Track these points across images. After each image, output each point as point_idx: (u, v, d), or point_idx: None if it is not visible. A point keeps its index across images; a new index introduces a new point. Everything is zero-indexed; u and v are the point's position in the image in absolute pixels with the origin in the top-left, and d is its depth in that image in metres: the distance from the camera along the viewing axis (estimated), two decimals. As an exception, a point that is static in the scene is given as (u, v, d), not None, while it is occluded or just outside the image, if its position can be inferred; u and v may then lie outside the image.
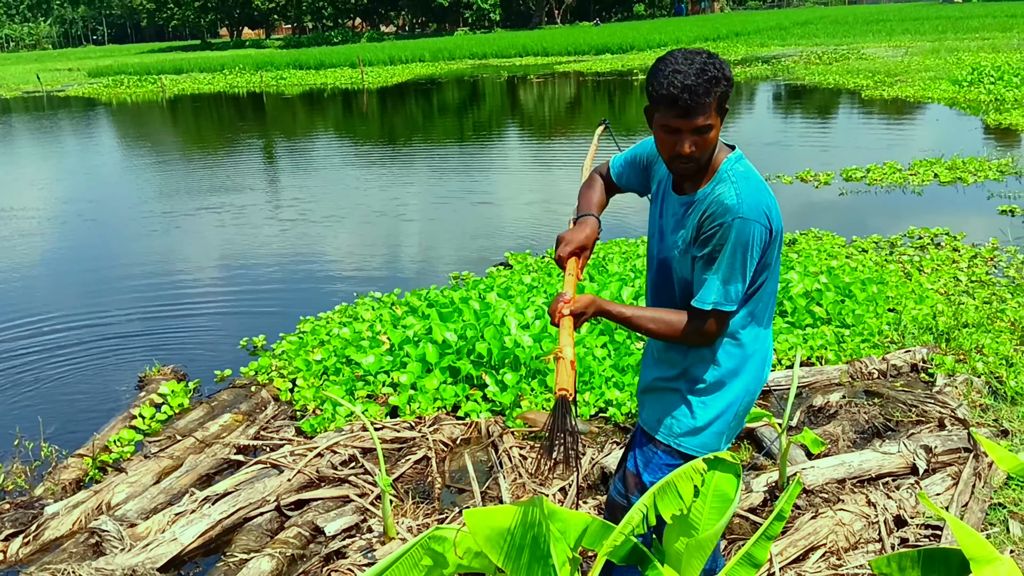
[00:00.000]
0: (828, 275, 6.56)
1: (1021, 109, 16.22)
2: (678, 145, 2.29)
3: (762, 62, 31.84)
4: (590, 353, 5.44)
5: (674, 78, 2.21)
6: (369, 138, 19.94)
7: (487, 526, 2.16)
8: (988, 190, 10.34)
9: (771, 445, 4.51)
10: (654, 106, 2.30)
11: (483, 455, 4.73)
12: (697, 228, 2.39)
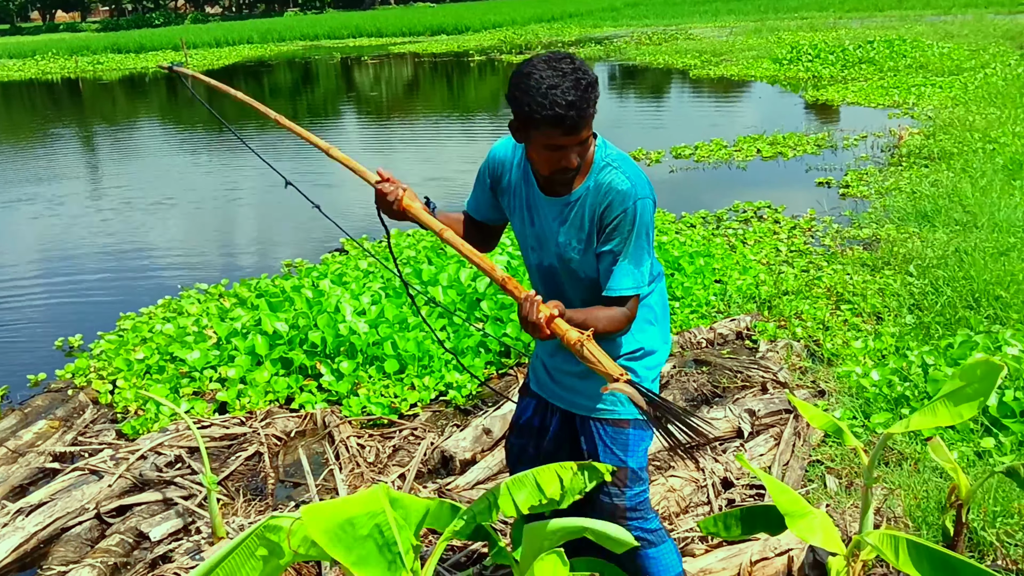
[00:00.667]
0: (657, 250, 6.73)
1: (836, 86, 17.19)
2: (564, 160, 2.23)
3: (595, 43, 32.47)
4: (429, 336, 5.37)
5: (554, 96, 2.12)
6: (197, 123, 19.10)
7: (326, 521, 2.07)
8: (806, 164, 10.89)
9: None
10: (533, 126, 2.18)
11: (319, 447, 4.59)
12: (597, 222, 2.35)
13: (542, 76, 2.14)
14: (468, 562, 3.57)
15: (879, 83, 16.85)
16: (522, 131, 2.25)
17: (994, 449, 4.01)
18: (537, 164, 2.30)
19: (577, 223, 2.38)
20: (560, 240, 2.41)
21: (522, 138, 2.27)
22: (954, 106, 13.07)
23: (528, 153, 2.31)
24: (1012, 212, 7.29)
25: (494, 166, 2.53)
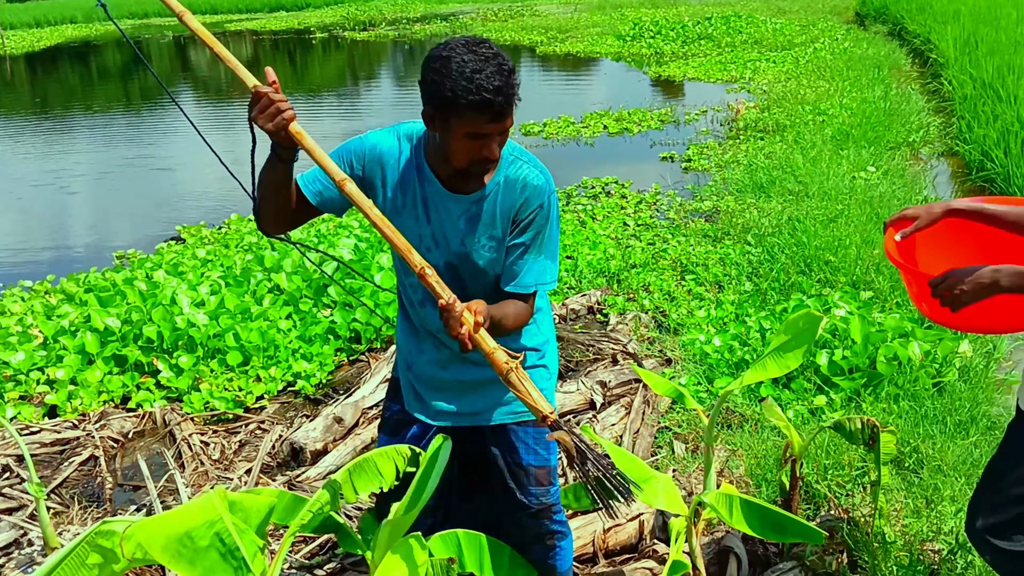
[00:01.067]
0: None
1: (678, 62, 17.69)
2: (485, 150, 2.09)
3: (441, 19, 32.27)
4: (274, 326, 5.20)
5: (480, 80, 1.99)
6: (19, 108, 17.86)
7: (163, 536, 1.95)
8: (651, 139, 11.16)
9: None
10: (456, 113, 2.03)
11: (160, 447, 4.37)
12: (511, 218, 2.25)
13: (464, 60, 2.00)
14: (322, 553, 3.48)
15: (717, 59, 17.44)
16: (439, 119, 2.07)
17: (826, 406, 4.21)
18: (454, 155, 2.12)
19: (488, 220, 2.25)
20: (468, 239, 2.27)
21: (438, 127, 2.09)
22: (787, 80, 13.67)
23: (443, 144, 2.12)
24: (839, 181, 7.68)
25: (371, 157, 2.26)
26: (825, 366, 4.45)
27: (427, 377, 2.50)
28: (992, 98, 9.60)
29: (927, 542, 3.18)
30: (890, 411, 4.11)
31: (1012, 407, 4.38)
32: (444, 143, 2.12)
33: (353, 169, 2.26)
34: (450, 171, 2.21)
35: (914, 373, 4.36)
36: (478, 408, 2.49)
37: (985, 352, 4.81)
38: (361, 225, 7.14)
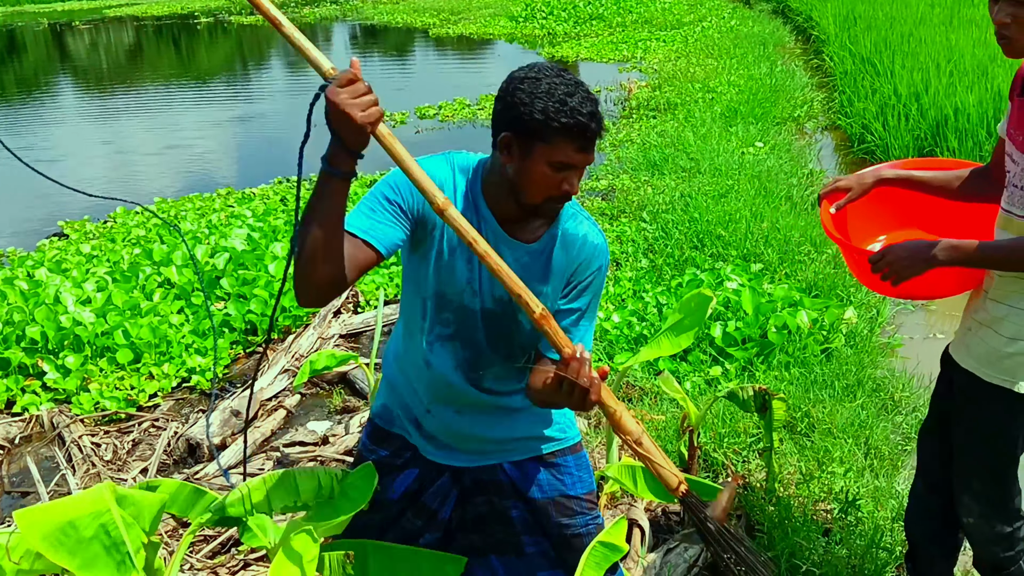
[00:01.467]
0: (405, 211, 6.66)
1: (571, 42, 17.81)
2: (566, 183, 1.91)
3: (331, 2, 31.70)
4: (165, 321, 5.04)
5: (575, 104, 1.83)
6: None
7: (46, 525, 1.86)
8: (546, 119, 11.20)
9: (363, 385, 4.53)
10: (542, 138, 1.85)
11: (49, 451, 4.20)
12: (566, 277, 2.11)
13: (555, 82, 1.85)
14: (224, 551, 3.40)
15: (609, 39, 17.62)
16: (519, 145, 1.88)
17: (721, 377, 4.33)
18: (530, 187, 1.91)
19: (540, 274, 2.08)
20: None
21: (516, 155, 1.89)
22: (676, 59, 13.92)
23: (518, 175, 1.91)
24: (729, 157, 7.88)
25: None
26: (719, 338, 4.56)
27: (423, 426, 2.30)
28: (871, 73, 9.98)
29: (819, 502, 3.30)
30: (782, 378, 4.25)
31: (896, 369, 4.59)
32: (520, 173, 1.91)
33: (406, 202, 1.97)
34: (513, 210, 2.00)
35: (803, 341, 4.52)
36: (500, 449, 2.29)
37: (870, 318, 5.02)
38: (254, 214, 6.98)
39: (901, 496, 3.34)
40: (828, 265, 5.49)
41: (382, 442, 2.36)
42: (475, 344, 2.15)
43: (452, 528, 2.38)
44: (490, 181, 2.00)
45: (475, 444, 2.29)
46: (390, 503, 2.34)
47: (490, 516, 2.35)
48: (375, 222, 1.94)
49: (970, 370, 2.35)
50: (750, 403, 3.14)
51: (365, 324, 5.18)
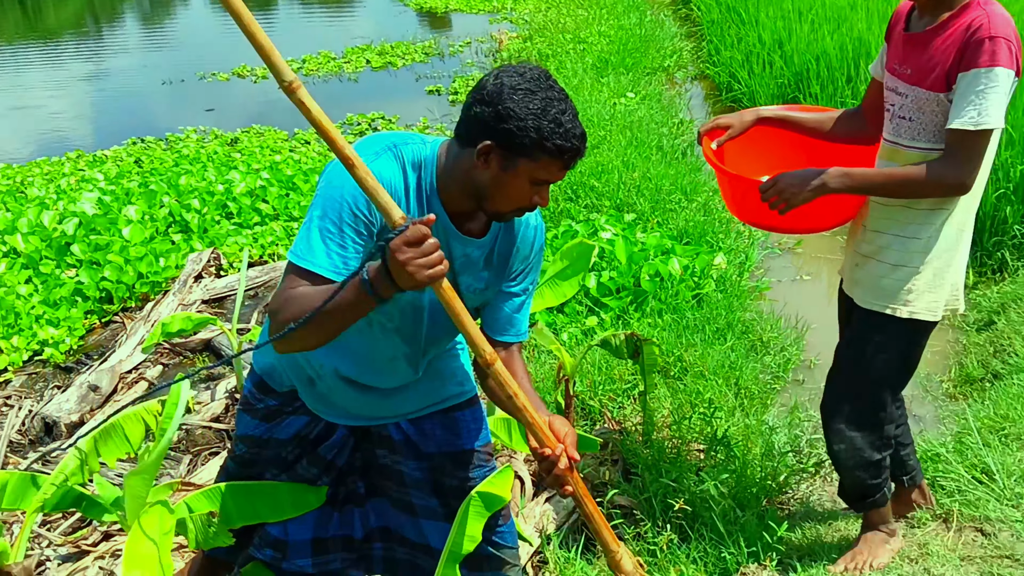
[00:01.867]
0: (271, 171, 6.43)
1: (440, -7, 17.50)
2: (538, 197, 1.88)
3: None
4: (12, 292, 4.71)
5: (568, 125, 1.78)
6: None
7: None
8: (416, 72, 10.99)
9: (228, 351, 4.34)
10: (529, 156, 1.79)
11: None
12: (507, 262, 2.07)
13: (549, 97, 1.79)
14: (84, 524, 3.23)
15: (479, -11, 17.41)
16: (503, 157, 1.81)
17: (597, 326, 4.34)
18: (502, 197, 1.87)
19: (483, 265, 2.04)
20: (460, 280, 2.03)
21: (496, 164, 1.82)
22: (547, 9, 13.83)
23: (492, 183, 1.84)
24: (601, 108, 7.88)
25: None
26: (594, 288, 4.57)
27: (358, 396, 2.23)
28: (736, 21, 10.15)
29: (692, 443, 3.35)
30: (655, 325, 4.30)
31: (764, 312, 4.71)
32: (495, 184, 1.85)
33: (364, 216, 1.83)
34: (468, 207, 1.93)
35: (675, 287, 4.58)
36: (399, 406, 2.26)
37: (739, 263, 5.13)
38: (106, 178, 6.60)
39: (770, 433, 3.43)
40: (698, 213, 5.57)
41: (270, 393, 2.29)
42: (416, 338, 2.10)
43: (343, 476, 2.39)
44: (450, 176, 1.91)
45: (377, 413, 2.26)
46: (279, 442, 2.31)
47: (379, 469, 2.35)
48: (347, 259, 1.83)
49: (861, 303, 2.46)
50: (623, 349, 3.15)
51: (229, 288, 4.96)
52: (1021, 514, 2.76)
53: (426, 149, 1.93)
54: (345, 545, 2.45)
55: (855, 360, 2.49)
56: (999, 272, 4.97)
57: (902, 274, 2.36)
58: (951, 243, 2.36)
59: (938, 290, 2.38)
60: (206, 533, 2.27)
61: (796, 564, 2.70)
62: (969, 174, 2.20)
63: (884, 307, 2.39)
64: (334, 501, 2.44)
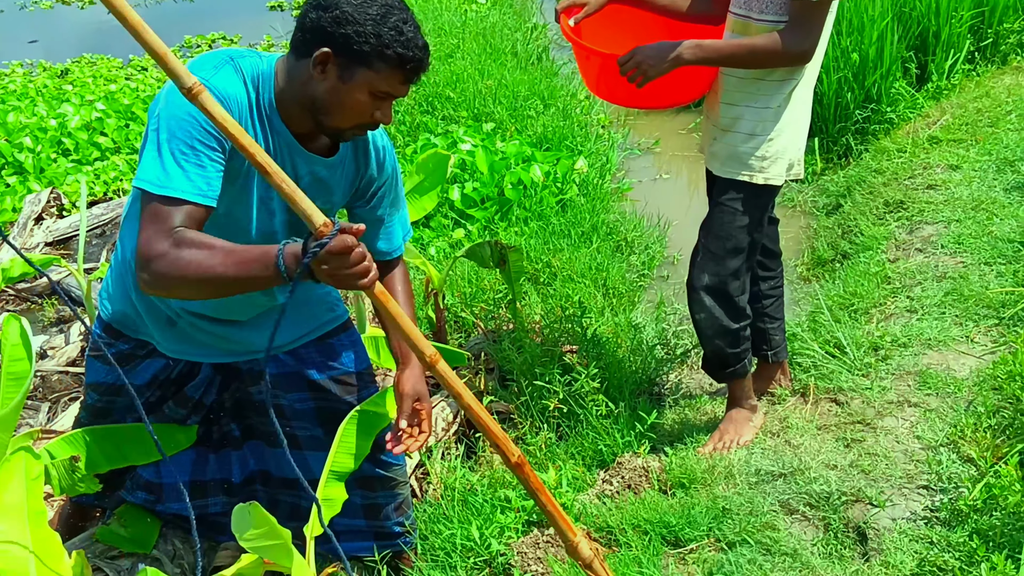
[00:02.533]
0: (107, 101, 6.05)
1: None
2: (379, 112, 1.80)
3: None
4: None
5: (410, 34, 1.71)
6: None
7: None
8: (257, -12, 10.49)
9: (78, 292, 4.13)
10: (369, 65, 1.72)
11: None
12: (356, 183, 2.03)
13: (388, 4, 1.71)
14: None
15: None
16: (341, 67, 1.73)
17: (464, 239, 4.32)
18: (341, 111, 1.78)
19: (331, 186, 1.97)
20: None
21: (332, 75, 1.74)
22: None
23: (329, 95, 1.76)
24: (452, 15, 7.72)
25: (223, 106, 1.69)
26: (458, 200, 4.54)
27: (221, 331, 2.15)
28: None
29: (564, 345, 3.41)
30: (522, 233, 4.31)
31: (627, 212, 4.79)
32: (332, 94, 1.76)
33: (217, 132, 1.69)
34: (309, 126, 1.85)
35: (539, 194, 4.59)
36: (279, 342, 2.19)
37: (600, 166, 5.18)
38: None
39: (638, 330, 3.52)
40: (557, 118, 5.57)
41: (119, 337, 2.19)
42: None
43: (214, 415, 2.33)
44: (287, 92, 1.82)
45: (246, 347, 2.20)
46: (137, 388, 2.19)
47: (256, 407, 2.30)
48: (209, 179, 1.72)
49: (719, 173, 2.57)
50: (488, 259, 3.14)
51: (73, 228, 4.69)
52: (870, 382, 2.94)
53: (263, 63, 1.84)
54: (225, 489, 2.41)
55: (715, 230, 2.59)
56: (844, 157, 5.19)
57: (756, 142, 2.48)
58: (798, 111, 2.50)
59: (787, 156, 2.52)
60: (71, 479, 2.18)
61: (667, 448, 2.81)
62: (812, 43, 2.32)
63: (739, 174, 2.51)
64: (208, 442, 2.39)
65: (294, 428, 2.30)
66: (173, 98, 1.70)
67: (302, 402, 2.27)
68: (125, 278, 2.11)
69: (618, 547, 2.35)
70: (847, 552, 2.28)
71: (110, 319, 2.18)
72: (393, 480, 2.40)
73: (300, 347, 2.24)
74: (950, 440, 2.58)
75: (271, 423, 1.65)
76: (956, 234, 3.81)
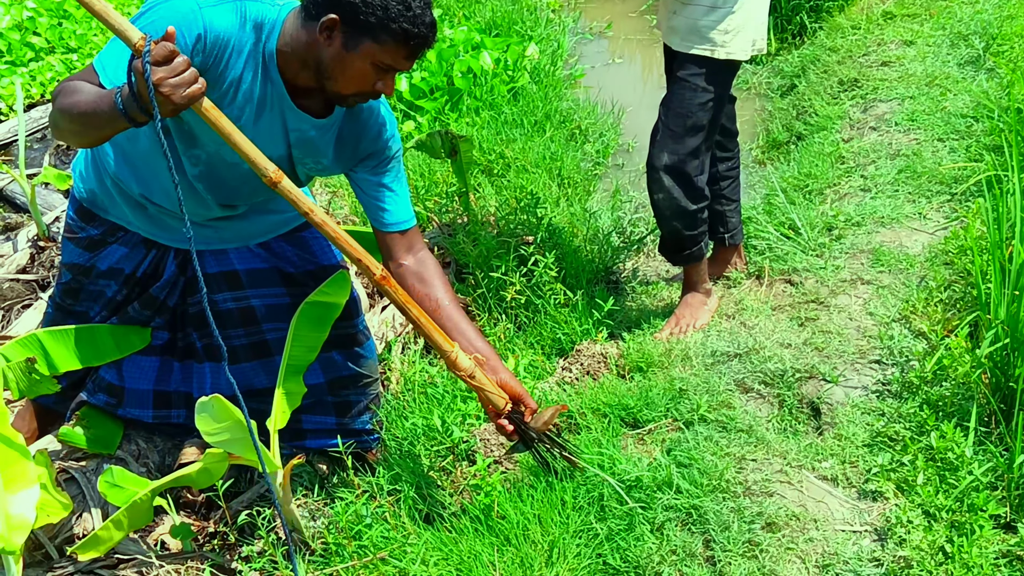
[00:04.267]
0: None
1: None
2: (380, 84, 1.81)
3: None
4: None
5: (418, 10, 1.71)
6: None
7: None
8: None
9: (23, 199, 4.01)
10: (374, 37, 1.72)
11: None
12: (356, 149, 2.01)
13: None
14: None
15: None
16: (347, 35, 1.73)
17: (414, 131, 4.23)
18: (343, 78, 1.79)
19: (323, 146, 1.98)
20: (295, 156, 1.98)
21: (339, 42, 1.74)
22: None
23: (334, 61, 1.76)
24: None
25: (212, 40, 1.75)
26: (407, 91, 4.42)
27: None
28: None
29: (520, 236, 3.38)
30: (473, 123, 4.23)
31: (580, 99, 4.71)
32: (336, 61, 1.77)
33: (190, 47, 1.72)
34: (308, 83, 1.84)
35: (489, 83, 4.48)
36: (247, 233, 2.23)
37: (551, 52, 5.06)
38: None
39: (593, 218, 3.50)
40: (506, 2, 5.41)
41: (92, 221, 2.21)
42: (226, 187, 2.04)
43: (179, 322, 2.34)
44: (290, 48, 1.81)
45: (209, 240, 2.20)
46: (100, 273, 2.25)
47: (221, 317, 2.29)
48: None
49: (679, 48, 2.51)
50: (439, 150, 3.08)
51: (11, 133, 4.50)
52: (824, 262, 2.97)
53: (274, 12, 1.83)
54: (188, 402, 2.40)
55: (674, 107, 2.55)
56: (799, 36, 5.13)
57: (717, 15, 2.42)
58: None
59: (749, 29, 2.47)
60: (29, 381, 2.15)
61: (624, 334, 2.83)
62: None
63: (700, 48, 2.46)
64: (173, 351, 2.39)
65: (265, 332, 2.31)
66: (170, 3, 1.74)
67: (277, 297, 2.29)
68: (99, 158, 2.10)
69: (579, 430, 2.38)
70: (801, 427, 2.33)
71: (82, 199, 2.20)
72: (366, 377, 2.42)
73: (272, 240, 2.26)
74: (902, 315, 2.63)
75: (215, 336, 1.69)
76: (910, 111, 3.80)
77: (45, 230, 3.64)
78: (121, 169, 2.06)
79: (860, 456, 2.17)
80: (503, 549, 1.99)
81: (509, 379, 2.03)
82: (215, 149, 1.91)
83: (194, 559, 2.28)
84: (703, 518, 2.02)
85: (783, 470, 2.16)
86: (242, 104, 1.85)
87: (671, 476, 2.10)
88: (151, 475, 2.44)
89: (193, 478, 2.03)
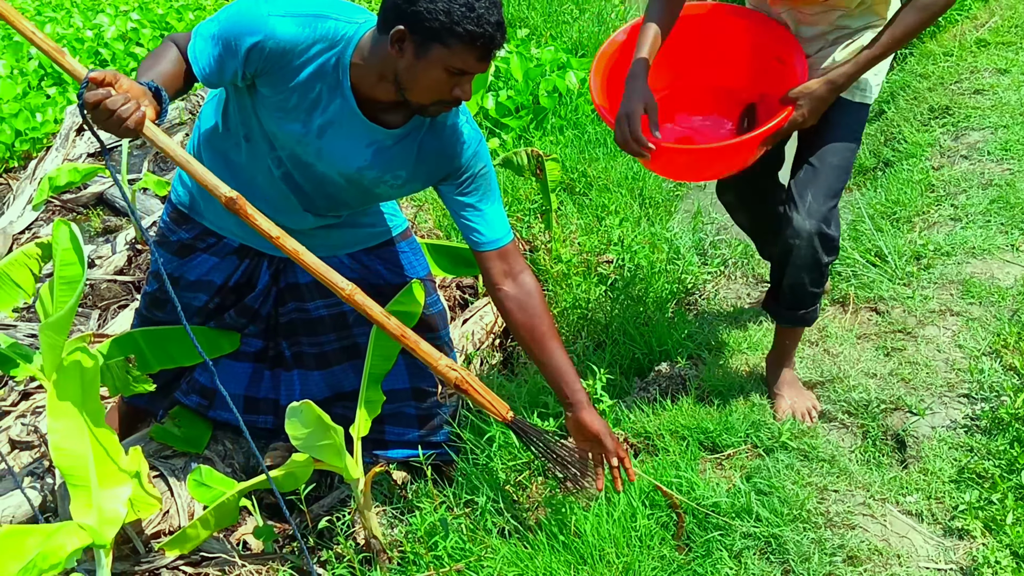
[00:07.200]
0: (141, 11, 5.99)
1: None
2: (458, 89, 1.81)
3: None
4: None
5: (483, 11, 1.71)
6: None
7: None
8: None
9: (123, 203, 4.17)
10: (443, 42, 1.73)
11: None
12: (438, 165, 2.01)
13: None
14: None
15: None
16: (416, 43, 1.75)
17: (499, 148, 4.28)
18: (419, 88, 1.81)
19: (401, 159, 1.99)
20: (370, 170, 1.99)
21: (410, 51, 1.76)
22: None
23: (407, 72, 1.79)
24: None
25: (276, 49, 1.83)
26: (493, 109, 4.48)
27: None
28: None
29: (601, 255, 3.40)
30: (557, 142, 4.27)
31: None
32: (410, 71, 1.79)
33: (255, 54, 1.83)
34: (385, 97, 1.88)
35: (574, 102, 4.52)
36: (334, 242, 2.27)
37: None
38: None
39: (674, 240, 3.50)
40: (592, 23, 5.45)
41: (184, 223, 2.28)
42: (308, 187, 2.09)
43: (271, 330, 2.41)
44: (364, 63, 1.85)
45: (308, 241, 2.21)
46: (188, 284, 2.30)
47: (308, 325, 2.36)
48: (210, 62, 1.87)
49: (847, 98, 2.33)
50: (525, 168, 3.12)
51: (114, 139, 4.70)
52: (911, 291, 2.91)
53: (352, 28, 1.87)
54: (275, 409, 2.48)
55: (837, 163, 2.35)
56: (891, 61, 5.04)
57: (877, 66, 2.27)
58: None
59: (881, 73, 2.38)
60: (125, 380, 2.23)
61: (704, 355, 2.82)
62: None
63: (864, 96, 2.34)
64: (265, 359, 2.46)
65: (356, 337, 2.37)
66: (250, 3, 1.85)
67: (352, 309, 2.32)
68: (199, 158, 2.15)
69: (656, 452, 2.38)
70: (885, 459, 2.29)
71: (179, 203, 2.28)
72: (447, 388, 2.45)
73: (361, 252, 2.30)
74: (992, 349, 2.56)
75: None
76: (1003, 140, 3.71)
77: (142, 234, 3.79)
78: (221, 173, 2.13)
79: (946, 492, 2.12)
80: (579, 568, 2.00)
81: (594, 419, 2.03)
82: (291, 149, 1.98)
83: (275, 560, 2.34)
84: (783, 548, 2.00)
85: (866, 502, 2.13)
86: (307, 111, 1.91)
87: (751, 503, 2.08)
88: (236, 476, 2.51)
89: (279, 481, 2.08)
